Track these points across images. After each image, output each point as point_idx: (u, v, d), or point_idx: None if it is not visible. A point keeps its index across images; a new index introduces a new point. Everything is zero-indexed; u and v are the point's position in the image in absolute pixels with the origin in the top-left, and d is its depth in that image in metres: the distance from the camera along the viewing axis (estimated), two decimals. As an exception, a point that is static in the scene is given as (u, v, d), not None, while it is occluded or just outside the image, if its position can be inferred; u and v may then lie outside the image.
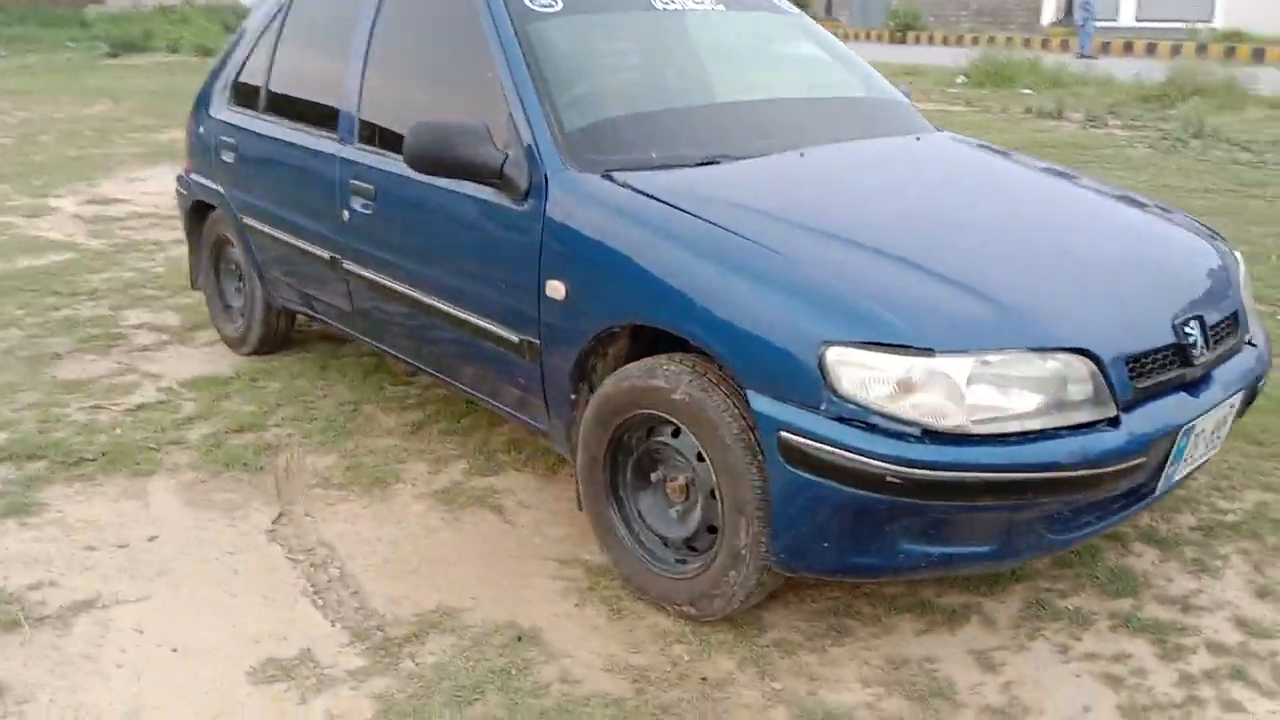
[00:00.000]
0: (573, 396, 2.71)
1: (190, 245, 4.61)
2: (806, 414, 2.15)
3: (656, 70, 3.25)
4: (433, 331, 3.16)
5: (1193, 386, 2.40)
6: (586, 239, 2.56)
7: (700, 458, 2.44)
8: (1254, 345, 2.72)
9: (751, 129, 3.06)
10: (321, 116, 3.59)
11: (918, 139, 3.32)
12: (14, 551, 2.88)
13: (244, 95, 4.08)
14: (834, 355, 2.11)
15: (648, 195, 2.54)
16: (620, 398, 2.52)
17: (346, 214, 3.38)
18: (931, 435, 2.09)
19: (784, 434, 2.17)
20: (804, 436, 2.14)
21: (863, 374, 2.10)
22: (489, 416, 3.73)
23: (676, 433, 2.49)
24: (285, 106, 3.83)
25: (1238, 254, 2.91)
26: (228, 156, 4.07)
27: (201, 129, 4.30)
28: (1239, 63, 19.14)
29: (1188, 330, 2.40)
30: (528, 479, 3.32)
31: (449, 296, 3.01)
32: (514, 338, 2.80)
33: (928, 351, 2.09)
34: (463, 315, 2.97)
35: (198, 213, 4.48)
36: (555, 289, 2.63)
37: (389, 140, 3.24)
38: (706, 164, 2.77)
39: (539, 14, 3.01)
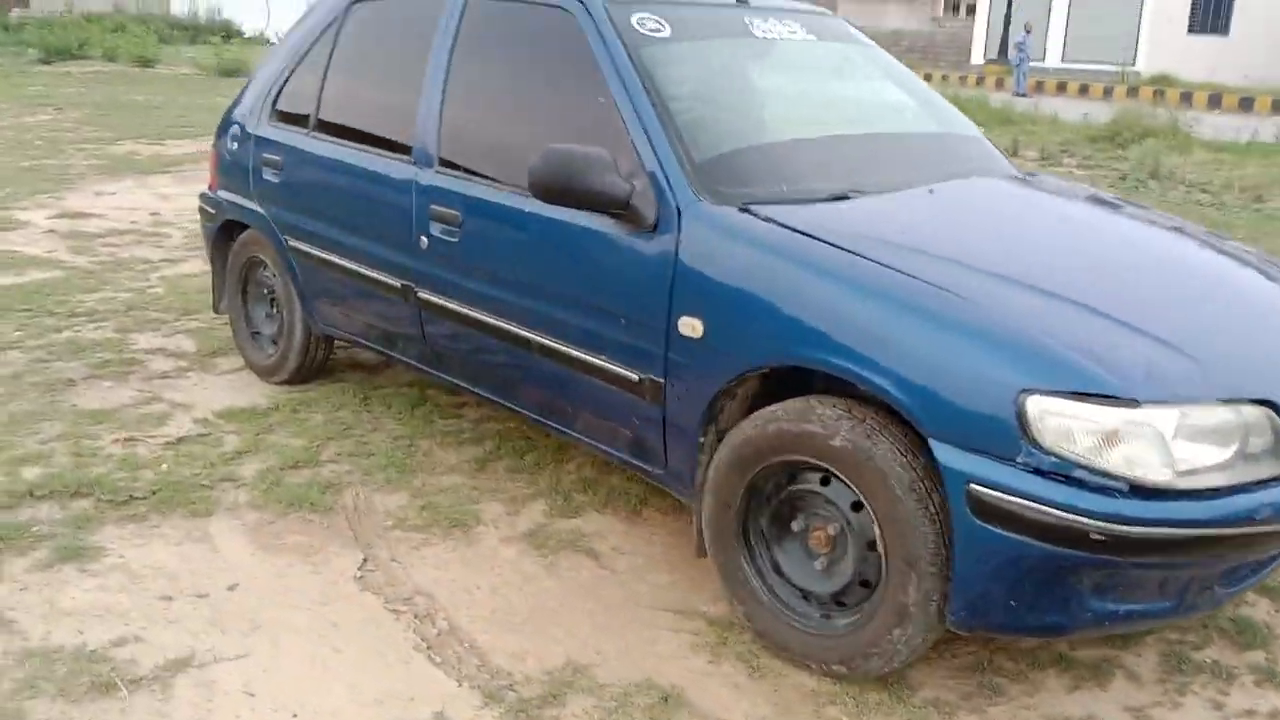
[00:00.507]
0: (700, 439, 2.59)
1: (214, 268, 4.37)
2: (1001, 466, 2.06)
3: (767, 99, 3.16)
4: (528, 367, 3.01)
5: None
6: (732, 275, 2.45)
7: (855, 507, 2.34)
8: None
9: (869, 163, 2.99)
10: (390, 138, 3.43)
11: (1026, 178, 3.28)
12: (83, 602, 2.65)
13: (290, 113, 3.89)
14: (1035, 405, 2.03)
15: (801, 232, 2.44)
16: (765, 442, 2.41)
17: (424, 240, 3.21)
18: (1138, 490, 2.02)
19: (974, 487, 2.08)
20: (998, 490, 2.06)
21: (1067, 425, 2.02)
22: (554, 453, 3.58)
23: (826, 480, 2.39)
24: (342, 126, 3.65)
25: None
26: (271, 176, 3.87)
27: (235, 146, 4.09)
28: (1170, 106, 19.83)
29: None
30: (611, 521, 3.18)
31: (553, 330, 2.87)
32: (633, 376, 2.67)
33: (1133, 403, 2.03)
34: (569, 351, 2.83)
35: (224, 234, 4.26)
36: (690, 326, 2.51)
37: (479, 165, 3.09)
38: (838, 199, 2.69)
39: (650, 39, 2.90)
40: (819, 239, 2.41)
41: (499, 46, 3.20)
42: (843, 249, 2.38)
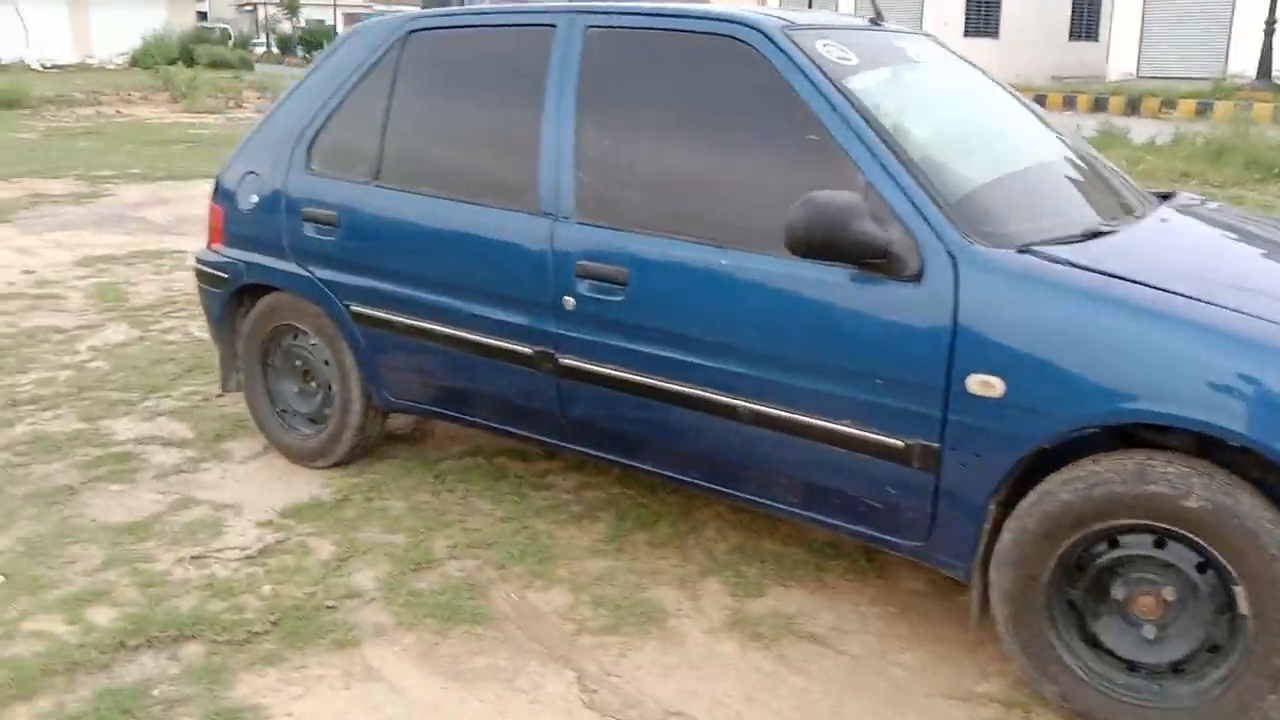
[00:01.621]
0: (988, 507, 2.35)
1: (221, 340, 3.76)
2: None
3: (960, 130, 2.93)
4: (723, 435, 2.67)
5: None
6: (1040, 326, 2.22)
7: (1200, 568, 2.16)
8: None
9: (1070, 194, 2.83)
10: (497, 188, 3.01)
11: (1211, 204, 3.22)
12: (288, 783, 2.14)
13: (338, 162, 3.37)
14: None
15: (1110, 274, 2.24)
16: (1088, 507, 2.19)
17: (570, 301, 2.82)
18: None
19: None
20: None
21: None
22: (682, 518, 3.25)
23: (1161, 542, 2.20)
24: (420, 176, 3.18)
25: None
26: (318, 234, 3.34)
27: (255, 200, 3.52)
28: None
29: None
30: (803, 595, 2.88)
31: (770, 395, 2.55)
32: (894, 442, 2.40)
33: None
34: (793, 417, 2.53)
35: (236, 300, 3.67)
36: (984, 385, 2.26)
37: (646, 216, 2.74)
38: (1093, 235, 2.50)
39: (844, 67, 2.64)
40: (1137, 281, 2.22)
41: (648, 82, 2.84)
42: (1166, 290, 2.20)
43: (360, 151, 3.32)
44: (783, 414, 2.54)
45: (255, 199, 3.52)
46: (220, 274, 3.65)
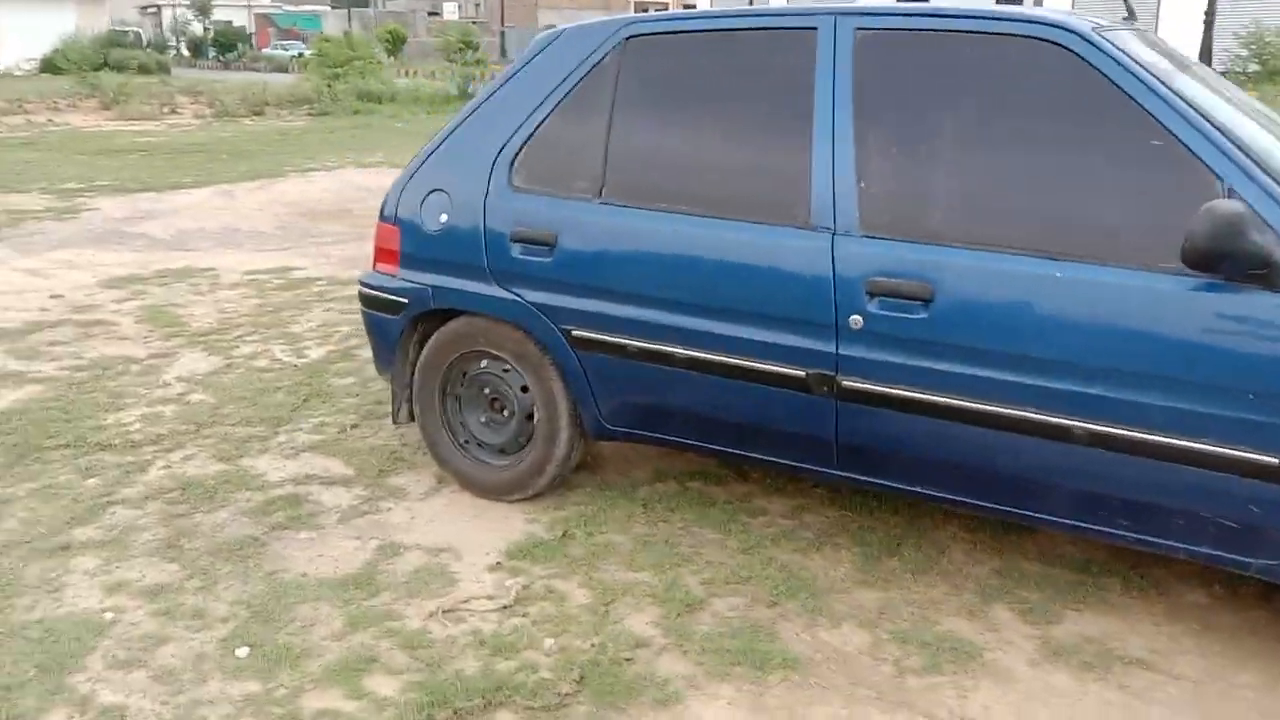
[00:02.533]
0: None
1: (395, 370, 3.48)
2: None
3: (1260, 124, 2.82)
4: (1052, 458, 2.53)
5: None
6: None
7: None
8: None
9: None
10: (757, 201, 2.83)
11: None
12: None
13: (552, 176, 3.13)
14: None
15: None
16: None
17: (858, 320, 2.66)
18: None
19: None
20: None
21: None
22: (929, 543, 3.11)
23: None
24: (661, 191, 2.96)
25: None
26: (530, 255, 3.10)
27: (445, 219, 3.25)
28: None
29: None
30: (1099, 617, 2.74)
31: (1119, 415, 2.41)
32: (1272, 460, 2.29)
33: None
34: (1146, 437, 2.39)
35: (412, 327, 3.42)
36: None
37: (951, 227, 2.59)
38: None
39: (1164, 70, 2.53)
40: None
41: (940, 86, 2.69)
42: None
43: (579, 166, 3.09)
44: (1130, 434, 2.41)
45: (445, 219, 3.27)
46: (397, 299, 3.38)
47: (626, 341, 3.01)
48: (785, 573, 2.96)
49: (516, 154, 3.18)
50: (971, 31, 2.67)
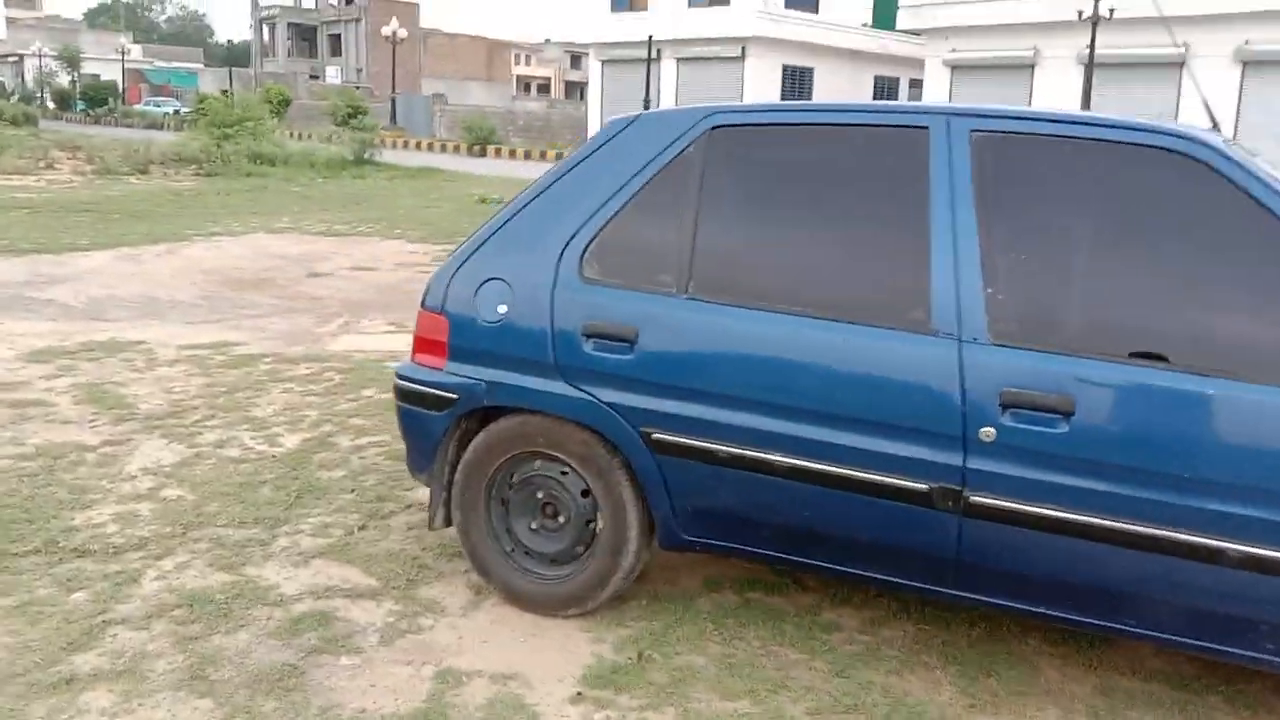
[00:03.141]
0: None
1: (437, 470, 3.18)
2: None
3: None
4: (1201, 579, 2.41)
5: None
6: None
7: None
8: None
9: None
10: (872, 304, 2.69)
11: None
12: None
13: (630, 268, 2.92)
14: None
15: None
16: None
17: (990, 433, 2.52)
18: None
19: None
20: None
21: None
22: (1019, 660, 2.97)
23: None
24: (753, 287, 2.79)
25: None
26: (609, 351, 2.88)
27: (504, 309, 3.01)
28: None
29: None
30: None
31: None
32: None
33: None
34: None
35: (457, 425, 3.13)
36: None
37: (1092, 340, 2.49)
38: None
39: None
40: None
41: (1068, 193, 2.61)
42: None
43: (661, 260, 2.90)
44: (1286, 557, 2.33)
45: (504, 309, 3.02)
46: (444, 394, 3.10)
47: (717, 447, 2.80)
48: (889, 698, 2.76)
49: (589, 244, 2.97)
50: (1094, 139, 2.61)
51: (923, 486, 2.61)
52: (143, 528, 3.59)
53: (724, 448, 2.80)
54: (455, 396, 3.08)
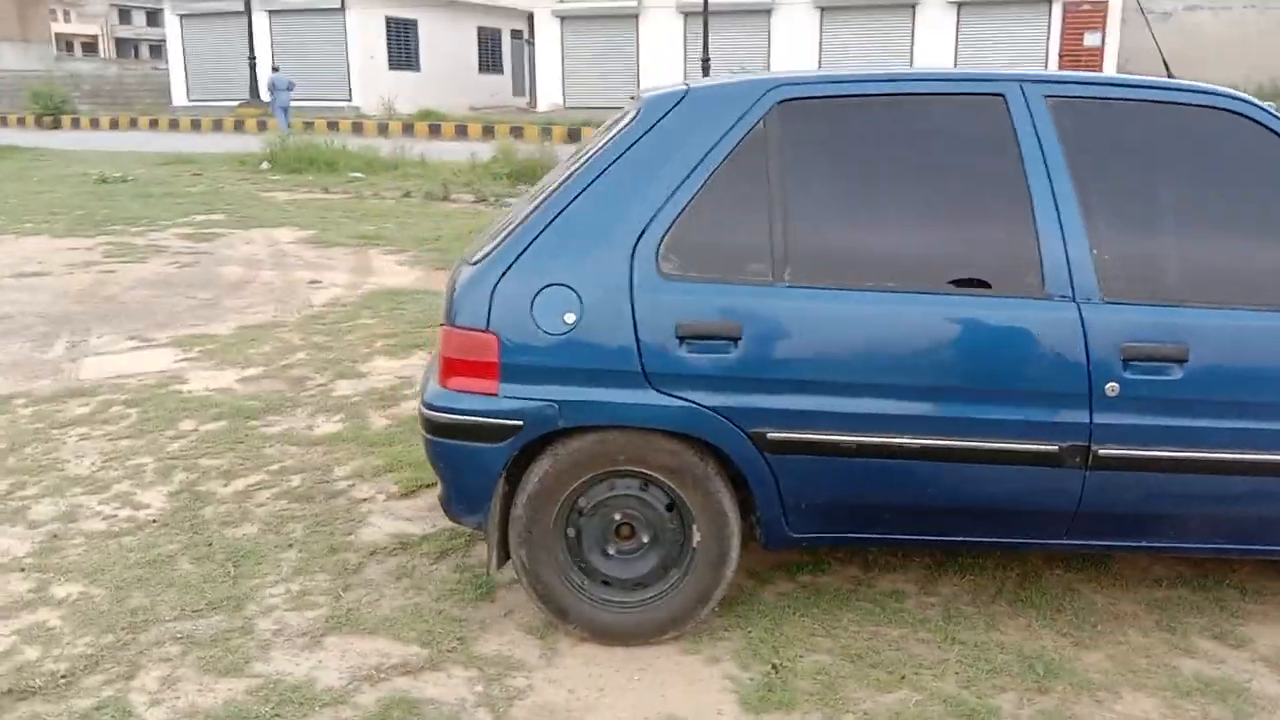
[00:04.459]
0: None
1: (495, 510, 2.77)
2: None
3: None
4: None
5: None
6: None
7: None
8: None
9: None
10: (981, 273, 2.69)
11: None
12: None
13: (716, 259, 2.68)
14: None
15: None
16: None
17: (1114, 387, 2.63)
18: None
19: None
20: None
21: None
22: (1103, 607, 3.17)
23: None
24: (855, 268, 2.69)
25: None
26: (708, 351, 2.64)
27: (572, 317, 2.66)
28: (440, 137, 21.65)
29: None
30: None
31: None
32: None
33: None
34: None
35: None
36: None
37: (1199, 289, 2.68)
38: None
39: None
40: None
41: (1143, 153, 2.78)
42: None
43: (751, 248, 2.69)
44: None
45: (572, 318, 2.67)
46: (507, 422, 2.70)
47: (840, 437, 2.69)
48: (1009, 654, 2.83)
49: (663, 237, 2.70)
50: (1155, 100, 2.78)
51: (1053, 447, 2.68)
52: (72, 644, 2.83)
53: (848, 437, 2.69)
54: (519, 424, 2.70)
